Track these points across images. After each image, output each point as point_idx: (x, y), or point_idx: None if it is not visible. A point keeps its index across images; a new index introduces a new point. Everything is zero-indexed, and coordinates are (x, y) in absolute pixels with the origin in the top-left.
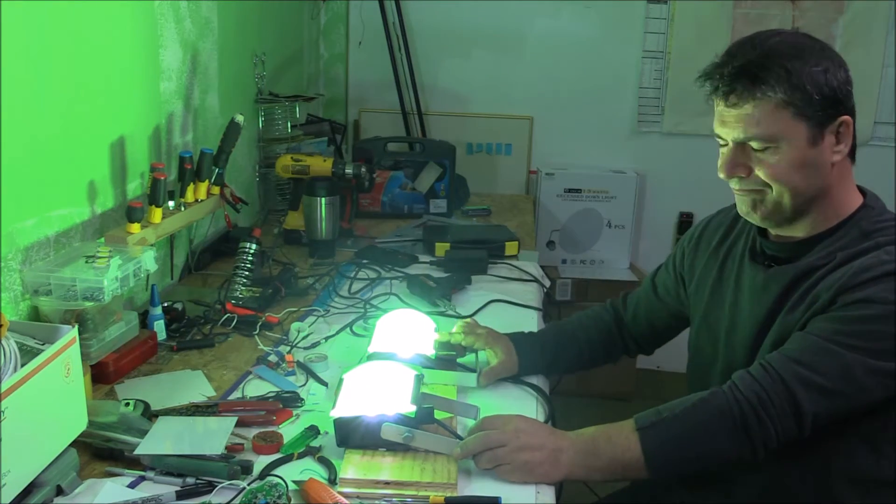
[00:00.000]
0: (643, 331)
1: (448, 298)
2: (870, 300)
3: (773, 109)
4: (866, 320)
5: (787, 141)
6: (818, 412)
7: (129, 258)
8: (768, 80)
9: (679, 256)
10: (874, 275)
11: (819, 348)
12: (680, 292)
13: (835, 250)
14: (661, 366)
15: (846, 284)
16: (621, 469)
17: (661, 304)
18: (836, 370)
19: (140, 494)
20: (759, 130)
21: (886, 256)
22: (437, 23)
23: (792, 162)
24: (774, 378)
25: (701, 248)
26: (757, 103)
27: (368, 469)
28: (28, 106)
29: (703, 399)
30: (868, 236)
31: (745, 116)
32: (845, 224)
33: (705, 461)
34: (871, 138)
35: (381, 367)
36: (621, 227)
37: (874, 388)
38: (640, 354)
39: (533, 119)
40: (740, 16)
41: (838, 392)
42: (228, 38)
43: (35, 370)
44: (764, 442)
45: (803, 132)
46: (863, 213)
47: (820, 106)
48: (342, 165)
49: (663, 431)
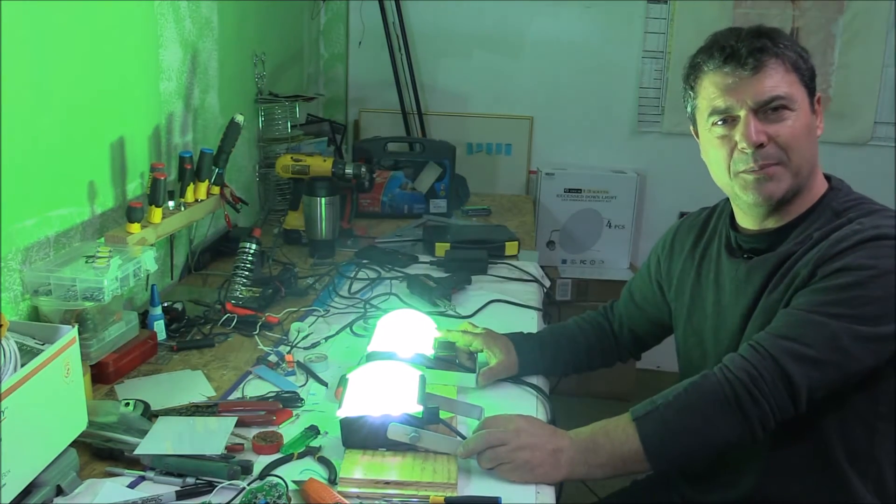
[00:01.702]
0: (627, 337)
1: (448, 298)
2: (848, 268)
3: (788, 71)
4: (847, 287)
5: (799, 105)
6: (811, 385)
7: (129, 258)
8: (782, 41)
9: (654, 264)
10: (850, 244)
11: (804, 321)
12: (658, 300)
13: (811, 232)
14: (661, 366)
15: (823, 256)
16: (621, 462)
17: (640, 312)
18: (824, 340)
19: (140, 494)
20: (782, 90)
21: (859, 226)
22: (437, 23)
23: (804, 127)
24: (763, 355)
25: (675, 253)
26: (777, 64)
27: (369, 469)
28: (28, 106)
29: (695, 383)
30: (840, 214)
31: (767, 78)
32: (816, 208)
33: (705, 446)
34: (871, 138)
35: (386, 366)
36: (621, 227)
37: (863, 355)
38: (630, 359)
39: (533, 119)
40: (740, 16)
41: (828, 362)
42: (228, 38)
43: (35, 370)
44: (761, 420)
45: (806, 99)
46: (831, 195)
47: (810, 78)
48: (342, 165)
49: (659, 420)
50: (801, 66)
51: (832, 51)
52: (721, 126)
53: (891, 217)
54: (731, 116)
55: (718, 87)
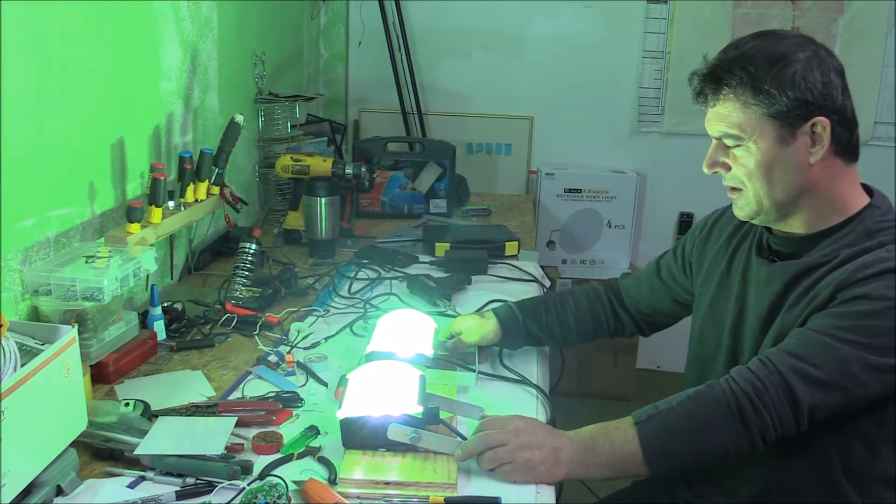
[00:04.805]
0: (643, 310)
1: (448, 298)
2: (868, 296)
3: (739, 108)
4: (864, 316)
5: (756, 140)
6: (815, 404)
7: (129, 258)
8: (731, 83)
9: (689, 244)
10: (873, 272)
11: (816, 342)
12: (682, 279)
13: (838, 248)
14: (661, 366)
15: (845, 281)
16: (620, 464)
17: (664, 287)
18: (833, 363)
19: (140, 494)
20: (726, 129)
21: (886, 254)
22: (437, 23)
23: (762, 161)
24: (771, 370)
25: (711, 239)
26: (723, 103)
27: (368, 469)
28: (28, 106)
29: (700, 391)
30: (871, 235)
31: (716, 114)
32: (850, 222)
33: (704, 453)
34: (871, 138)
35: (386, 366)
36: (621, 227)
37: (871, 384)
38: (639, 336)
39: (533, 119)
40: (740, 16)
41: (835, 385)
42: (228, 38)
43: (35, 370)
44: (762, 432)
45: (771, 132)
46: (868, 212)
47: (788, 108)
48: (342, 165)
49: (660, 423)
50: (763, 101)
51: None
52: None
53: None
54: None
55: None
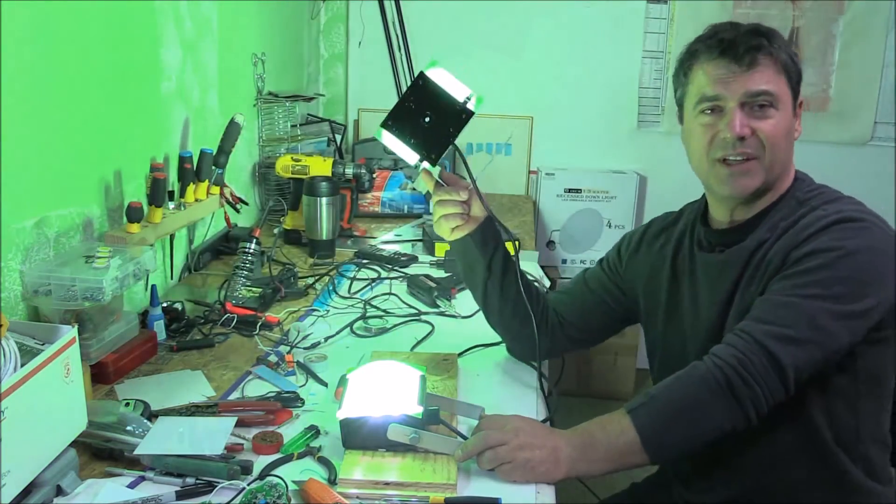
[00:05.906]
0: (576, 323)
1: (448, 298)
2: (816, 251)
3: (778, 72)
4: (817, 269)
5: (783, 105)
6: (797, 365)
7: (129, 258)
8: (777, 42)
9: (614, 255)
10: (815, 229)
11: (780, 304)
12: (612, 289)
13: (776, 221)
14: None
15: (792, 243)
16: (619, 455)
17: (594, 297)
18: (802, 320)
19: (140, 494)
20: (770, 87)
21: (823, 212)
22: (437, 23)
23: (785, 127)
24: (748, 340)
25: (641, 251)
26: (770, 63)
27: (368, 469)
28: (28, 106)
29: (686, 373)
30: (803, 204)
31: (758, 74)
32: (781, 199)
33: (700, 432)
34: (871, 138)
35: (386, 367)
36: (621, 227)
37: (840, 332)
38: (577, 349)
39: (533, 119)
40: (740, 16)
41: (810, 341)
42: (228, 38)
43: (35, 370)
44: (754, 403)
45: (790, 101)
46: (795, 186)
47: (797, 81)
48: (342, 165)
49: (652, 408)
50: (791, 68)
51: (832, 51)
52: (708, 115)
53: (850, 202)
54: (719, 107)
55: (711, 76)
